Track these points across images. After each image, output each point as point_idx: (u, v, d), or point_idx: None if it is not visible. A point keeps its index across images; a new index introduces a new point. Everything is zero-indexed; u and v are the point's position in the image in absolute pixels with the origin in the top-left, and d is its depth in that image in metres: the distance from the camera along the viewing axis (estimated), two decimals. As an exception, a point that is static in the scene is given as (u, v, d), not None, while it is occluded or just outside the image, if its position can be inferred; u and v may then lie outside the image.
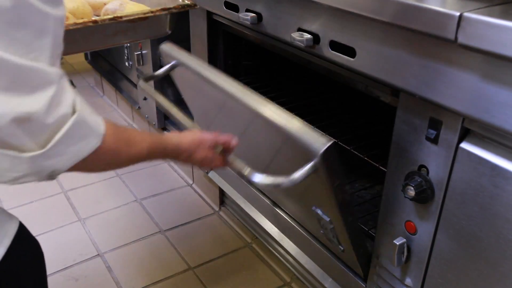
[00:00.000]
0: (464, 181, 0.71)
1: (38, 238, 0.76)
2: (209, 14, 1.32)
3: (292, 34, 0.92)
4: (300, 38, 0.90)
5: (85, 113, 0.68)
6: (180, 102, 2.08)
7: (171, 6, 0.84)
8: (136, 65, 2.02)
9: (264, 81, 1.47)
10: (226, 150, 0.92)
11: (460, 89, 0.66)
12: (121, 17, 0.77)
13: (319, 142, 0.73)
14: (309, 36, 0.90)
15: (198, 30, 1.40)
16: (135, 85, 2.16)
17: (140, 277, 1.44)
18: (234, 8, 1.13)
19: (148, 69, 1.95)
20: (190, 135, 0.91)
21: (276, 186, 0.76)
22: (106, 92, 2.66)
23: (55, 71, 0.63)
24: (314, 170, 0.74)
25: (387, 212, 0.88)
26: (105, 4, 0.96)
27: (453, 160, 0.72)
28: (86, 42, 0.78)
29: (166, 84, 1.99)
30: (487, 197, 0.68)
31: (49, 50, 0.63)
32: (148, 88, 1.07)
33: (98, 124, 0.70)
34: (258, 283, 1.41)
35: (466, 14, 0.61)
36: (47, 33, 0.63)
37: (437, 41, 0.67)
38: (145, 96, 2.07)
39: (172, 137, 0.88)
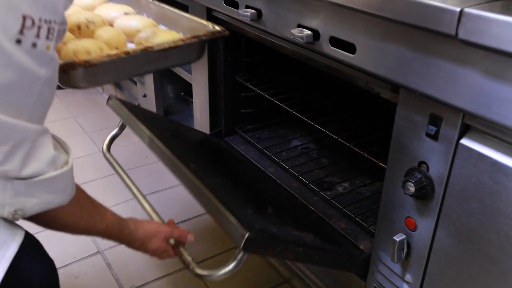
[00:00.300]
0: (464, 177, 0.71)
1: (38, 236, 0.76)
2: (209, 11, 1.32)
3: (292, 31, 0.92)
4: (300, 34, 0.90)
5: (72, 171, 0.73)
6: (179, 99, 2.08)
7: (201, 33, 0.85)
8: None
9: (264, 78, 1.46)
10: (179, 243, 0.98)
11: (460, 85, 0.65)
12: (152, 47, 0.78)
13: (237, 234, 0.74)
14: (309, 32, 0.89)
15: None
16: (134, 82, 2.15)
17: (140, 274, 1.44)
18: (234, 4, 1.12)
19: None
20: (147, 226, 0.96)
21: (220, 277, 0.80)
22: (106, 89, 2.66)
23: (34, 128, 0.65)
24: (246, 256, 0.76)
25: (387, 209, 0.88)
26: (138, 31, 0.96)
27: (453, 156, 0.72)
28: (119, 72, 0.79)
29: (166, 81, 1.99)
30: (488, 194, 0.68)
31: (30, 108, 0.65)
32: (111, 158, 1.17)
33: (74, 184, 0.76)
34: (258, 280, 1.41)
35: (466, 9, 0.60)
36: (33, 93, 0.64)
37: (437, 37, 0.66)
38: (145, 94, 2.06)
39: (131, 223, 0.93)
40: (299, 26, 0.93)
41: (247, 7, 1.07)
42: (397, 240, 0.83)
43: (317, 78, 1.52)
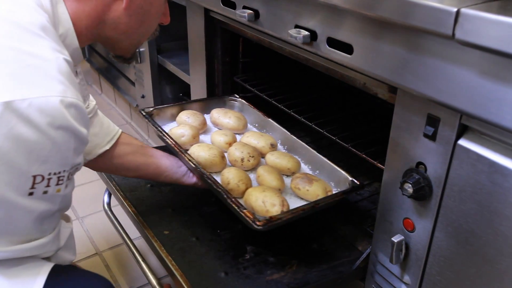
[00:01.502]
0: (462, 178, 0.70)
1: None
2: (207, 11, 1.32)
3: (289, 31, 0.91)
4: (297, 35, 0.89)
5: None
6: (177, 100, 2.08)
7: (348, 189, 1.05)
8: (134, 63, 2.02)
9: (262, 79, 1.46)
10: None
11: (457, 86, 0.65)
12: (318, 204, 0.98)
13: None
14: (306, 33, 0.89)
15: (196, 28, 1.40)
16: (133, 83, 2.15)
17: (138, 276, 1.44)
18: (231, 5, 1.12)
19: (146, 67, 1.95)
20: None
21: None
22: (104, 90, 2.66)
23: (51, 237, 0.76)
24: None
25: (385, 210, 0.87)
26: (288, 169, 1.14)
27: (451, 157, 0.71)
28: (291, 219, 0.96)
29: (164, 82, 1.99)
30: (485, 194, 0.68)
31: (50, 228, 0.76)
32: (112, 216, 1.26)
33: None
34: None
35: (463, 9, 0.60)
36: (53, 221, 0.76)
37: (434, 37, 0.66)
38: (143, 95, 2.06)
39: None
40: (297, 26, 0.93)
41: (244, 7, 1.07)
42: (395, 241, 0.83)
43: (315, 79, 1.52)
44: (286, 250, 1.04)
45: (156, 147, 1.20)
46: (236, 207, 0.92)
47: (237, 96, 1.40)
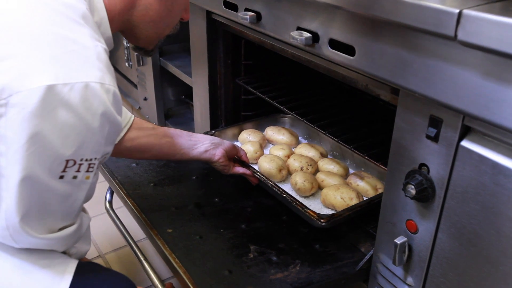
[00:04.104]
0: (465, 179, 0.70)
1: (39, 239, 0.77)
2: (209, 14, 1.32)
3: (291, 33, 0.92)
4: (299, 37, 0.90)
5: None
6: (180, 102, 2.08)
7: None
8: (136, 66, 2.02)
9: (264, 81, 1.46)
10: None
11: (460, 87, 0.65)
12: (374, 200, 1.10)
13: None
14: (308, 34, 0.89)
15: (198, 30, 1.40)
16: (135, 86, 2.16)
17: (141, 279, 1.44)
18: (233, 7, 1.12)
19: (148, 69, 1.95)
20: None
21: None
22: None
23: (77, 224, 0.80)
24: None
25: (388, 211, 0.87)
26: (334, 173, 1.26)
27: (454, 158, 0.71)
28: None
29: (166, 84, 1.99)
30: (488, 195, 0.67)
31: (76, 211, 0.79)
32: (114, 215, 1.28)
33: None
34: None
35: (465, 11, 0.60)
36: (74, 209, 0.76)
37: (436, 39, 0.66)
38: (145, 97, 2.07)
39: None
40: (299, 28, 0.93)
41: (246, 10, 1.07)
42: (398, 242, 0.83)
43: (317, 81, 1.52)
44: (289, 251, 1.04)
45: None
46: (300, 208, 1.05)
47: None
